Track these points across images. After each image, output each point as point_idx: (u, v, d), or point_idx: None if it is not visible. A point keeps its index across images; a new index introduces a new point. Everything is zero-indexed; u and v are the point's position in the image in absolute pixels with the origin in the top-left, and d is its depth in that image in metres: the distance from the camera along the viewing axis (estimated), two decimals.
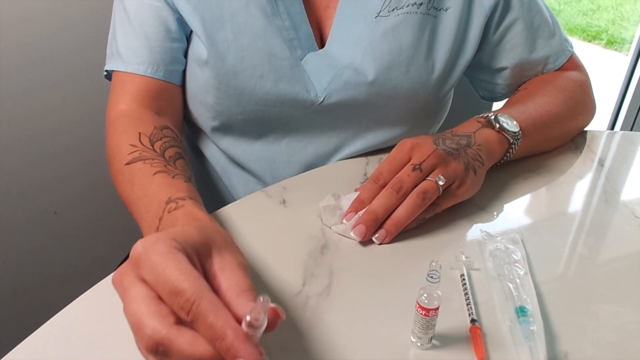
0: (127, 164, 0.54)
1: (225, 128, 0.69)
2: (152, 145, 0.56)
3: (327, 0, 0.66)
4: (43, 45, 1.00)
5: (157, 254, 0.31)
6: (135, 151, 0.55)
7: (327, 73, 0.65)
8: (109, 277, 0.48)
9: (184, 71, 0.68)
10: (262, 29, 0.63)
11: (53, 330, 0.43)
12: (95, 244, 1.20)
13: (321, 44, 0.67)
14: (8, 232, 1.09)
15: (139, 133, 0.57)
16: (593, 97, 0.75)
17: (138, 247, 0.32)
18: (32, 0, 0.95)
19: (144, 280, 0.32)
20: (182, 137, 0.67)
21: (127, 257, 0.73)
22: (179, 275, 0.30)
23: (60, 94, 1.05)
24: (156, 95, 0.65)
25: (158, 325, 0.30)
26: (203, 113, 0.69)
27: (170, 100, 0.67)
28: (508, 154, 0.62)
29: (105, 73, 0.69)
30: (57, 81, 1.03)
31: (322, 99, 0.66)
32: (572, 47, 0.75)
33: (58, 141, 1.08)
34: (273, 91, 0.65)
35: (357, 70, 0.65)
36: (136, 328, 0.31)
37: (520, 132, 0.61)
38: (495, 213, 0.58)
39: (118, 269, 0.34)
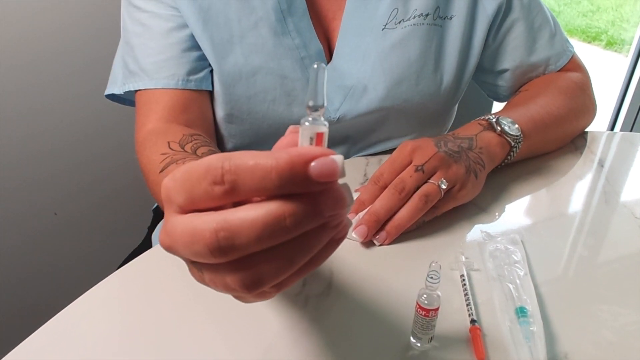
0: (160, 171, 0.52)
1: (237, 148, 0.68)
2: (183, 148, 0.54)
3: (333, 11, 0.65)
4: (44, 45, 1.00)
5: (180, 173, 0.26)
6: (166, 157, 0.53)
7: (339, 93, 0.64)
8: (109, 278, 0.48)
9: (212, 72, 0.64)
10: (273, 49, 0.61)
11: (53, 331, 0.43)
12: (95, 245, 1.20)
13: (329, 56, 0.66)
14: (8, 233, 1.09)
15: (168, 142, 0.55)
16: (594, 97, 0.75)
17: (164, 183, 0.27)
18: (33, 0, 0.95)
19: (180, 209, 0.26)
20: (214, 143, 0.64)
21: (127, 257, 0.73)
22: (198, 163, 0.25)
23: (60, 95, 1.05)
24: (184, 109, 0.61)
25: (206, 217, 0.24)
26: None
27: (200, 110, 0.64)
28: (509, 157, 0.62)
29: (121, 95, 0.66)
30: (58, 81, 1.03)
31: (335, 119, 0.65)
32: (572, 47, 0.75)
33: (58, 142, 1.08)
34: (286, 115, 0.64)
35: (367, 87, 0.64)
36: (188, 243, 0.25)
37: (521, 136, 0.61)
38: (495, 214, 0.58)
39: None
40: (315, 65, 0.25)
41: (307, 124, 0.25)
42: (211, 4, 0.60)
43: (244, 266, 0.24)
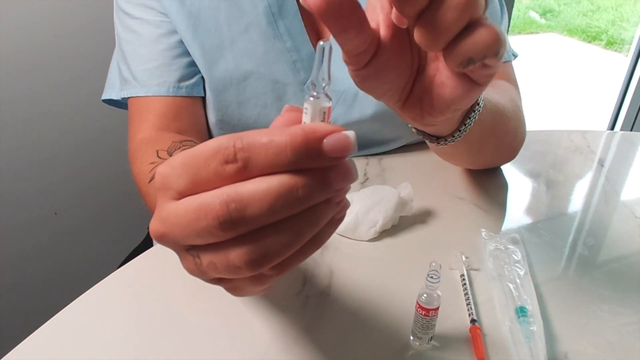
0: (149, 181, 0.52)
1: None
2: (171, 156, 0.54)
3: None
4: (43, 49, 1.00)
5: (180, 158, 0.25)
6: (154, 167, 0.53)
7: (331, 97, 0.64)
8: (109, 277, 0.48)
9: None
10: (264, 53, 0.61)
11: (53, 331, 0.43)
12: (95, 245, 1.20)
13: None
14: (8, 233, 1.09)
15: (157, 150, 0.55)
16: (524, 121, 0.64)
17: (159, 170, 0.26)
18: (35, 5, 0.95)
19: (178, 194, 0.25)
20: None
21: (128, 257, 0.73)
22: (204, 145, 0.24)
23: (60, 98, 1.05)
24: (176, 116, 0.61)
25: (214, 192, 0.24)
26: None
27: (193, 116, 0.63)
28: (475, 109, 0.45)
29: (119, 100, 0.65)
30: (58, 85, 1.03)
31: None
32: (514, 57, 0.69)
33: (58, 143, 1.08)
34: None
35: (358, 93, 0.63)
36: (193, 221, 0.24)
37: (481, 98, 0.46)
38: (495, 213, 0.58)
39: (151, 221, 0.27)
40: (322, 42, 0.25)
41: (311, 99, 0.25)
42: (201, 10, 0.59)
43: (250, 240, 0.24)
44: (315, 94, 0.26)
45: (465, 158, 0.61)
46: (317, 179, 0.23)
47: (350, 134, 0.24)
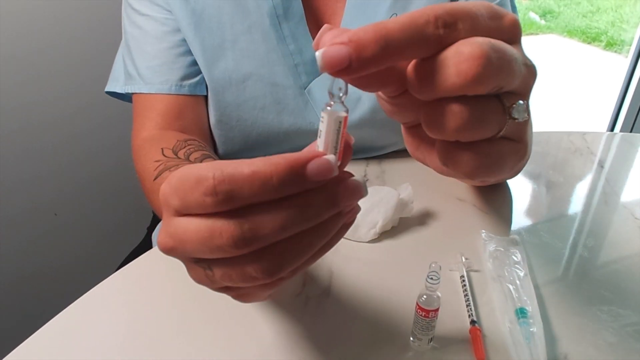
0: (154, 179, 0.52)
1: (227, 154, 0.67)
2: (176, 154, 0.54)
3: (329, 15, 0.64)
4: (46, 56, 1.00)
5: (175, 179, 0.26)
6: (159, 165, 0.53)
7: None
8: (109, 278, 0.48)
9: None
10: (265, 55, 0.60)
11: (53, 332, 0.43)
12: (95, 245, 1.20)
13: None
14: (9, 233, 1.09)
15: (162, 148, 0.55)
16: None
17: (162, 188, 0.27)
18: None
19: (177, 212, 0.26)
20: (210, 147, 0.64)
21: (127, 257, 0.73)
22: (189, 172, 0.25)
23: (57, 93, 1.05)
24: (179, 115, 0.61)
25: (227, 213, 0.24)
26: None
27: (195, 115, 0.63)
28: None
29: (122, 93, 0.66)
30: (56, 79, 1.03)
31: None
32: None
33: (59, 144, 1.08)
34: (275, 123, 0.63)
35: (360, 98, 0.63)
36: (206, 239, 0.25)
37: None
38: (495, 214, 0.58)
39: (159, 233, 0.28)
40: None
41: (329, 108, 0.26)
42: (204, 8, 0.59)
43: (265, 253, 0.25)
44: (332, 103, 0.26)
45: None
46: (326, 198, 0.25)
47: (331, 157, 0.25)
